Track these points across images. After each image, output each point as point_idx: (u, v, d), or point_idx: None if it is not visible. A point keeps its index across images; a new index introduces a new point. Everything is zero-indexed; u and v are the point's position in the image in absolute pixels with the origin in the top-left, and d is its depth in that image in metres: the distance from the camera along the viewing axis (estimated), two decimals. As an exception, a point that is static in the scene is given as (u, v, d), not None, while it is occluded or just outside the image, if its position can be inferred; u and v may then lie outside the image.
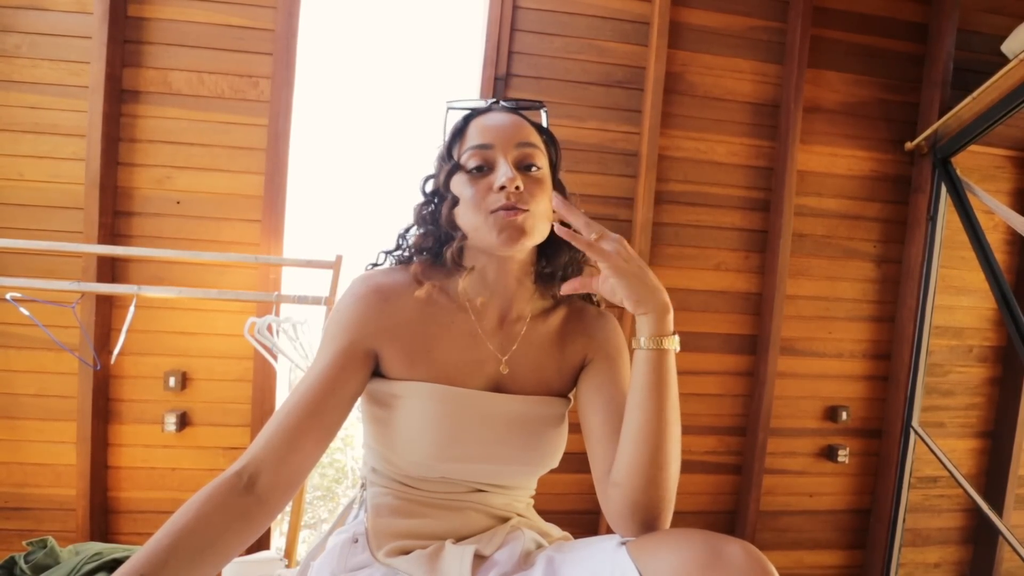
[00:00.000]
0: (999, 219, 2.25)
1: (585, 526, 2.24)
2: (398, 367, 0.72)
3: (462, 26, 6.25)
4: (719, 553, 0.50)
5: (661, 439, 0.62)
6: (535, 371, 0.76)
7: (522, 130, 0.72)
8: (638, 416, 0.63)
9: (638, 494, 0.62)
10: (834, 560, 2.43)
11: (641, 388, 0.64)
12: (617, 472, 0.64)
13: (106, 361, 1.91)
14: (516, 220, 0.67)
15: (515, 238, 0.67)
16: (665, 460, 0.62)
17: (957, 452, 2.47)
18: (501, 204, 0.67)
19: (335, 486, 7.35)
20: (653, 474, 0.62)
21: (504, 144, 0.70)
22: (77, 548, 1.42)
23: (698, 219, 2.25)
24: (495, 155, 0.69)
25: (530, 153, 0.71)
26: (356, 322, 0.70)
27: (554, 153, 0.76)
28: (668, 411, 0.63)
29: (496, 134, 0.70)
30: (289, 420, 0.63)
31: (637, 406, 0.64)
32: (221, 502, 0.57)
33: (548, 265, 0.76)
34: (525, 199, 0.68)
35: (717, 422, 2.31)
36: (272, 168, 2.02)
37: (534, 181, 0.70)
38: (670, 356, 0.64)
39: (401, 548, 0.71)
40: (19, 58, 1.91)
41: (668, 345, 0.63)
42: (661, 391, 0.63)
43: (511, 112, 0.74)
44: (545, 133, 0.76)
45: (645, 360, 0.63)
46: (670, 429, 0.63)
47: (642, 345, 0.64)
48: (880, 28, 2.27)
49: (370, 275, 0.75)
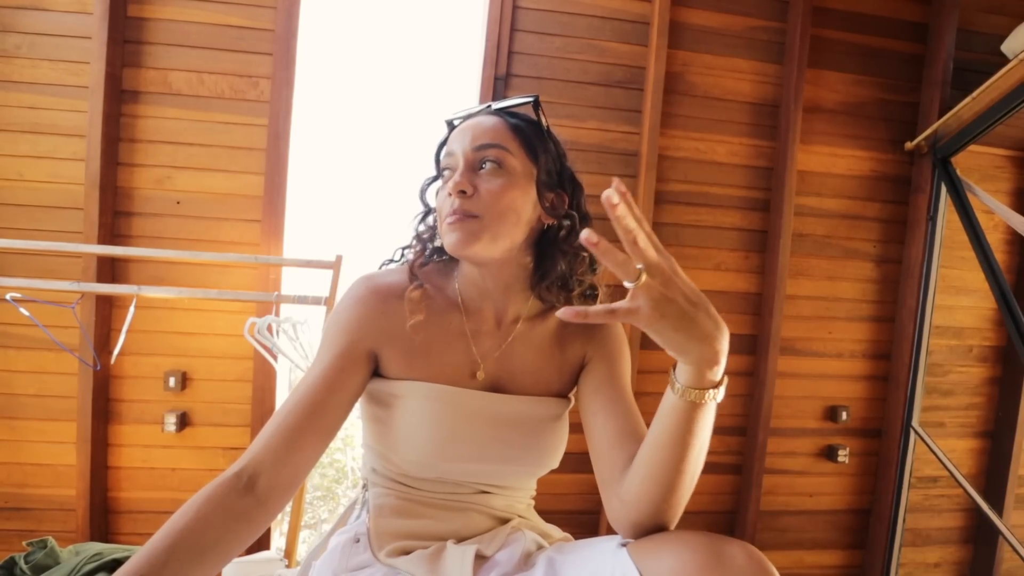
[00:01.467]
0: (999, 219, 2.25)
1: (586, 526, 2.24)
2: (397, 367, 0.72)
3: (462, 26, 6.25)
4: (720, 555, 0.50)
5: (677, 482, 0.58)
6: (534, 371, 0.75)
7: (486, 131, 0.69)
8: (656, 457, 0.58)
9: (644, 519, 0.61)
10: (834, 560, 2.43)
11: (666, 432, 0.56)
12: (627, 492, 0.61)
13: (106, 361, 1.91)
14: (460, 226, 0.66)
15: (460, 243, 0.66)
16: (678, 498, 0.59)
17: (957, 452, 2.47)
18: (448, 210, 0.67)
19: (335, 486, 7.35)
20: (663, 506, 0.59)
21: (464, 148, 0.68)
22: (77, 548, 1.42)
23: (698, 219, 2.25)
24: (457, 161, 0.69)
25: (487, 154, 0.68)
26: (356, 323, 0.70)
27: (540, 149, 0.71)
28: (691, 460, 0.57)
29: (459, 138, 0.70)
30: (288, 421, 0.63)
31: (658, 447, 0.57)
32: (221, 503, 0.57)
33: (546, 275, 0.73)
34: (475, 203, 0.66)
35: (717, 422, 2.25)
36: (272, 168, 2.02)
37: (485, 181, 0.67)
38: (708, 408, 0.55)
39: (402, 548, 0.71)
40: (19, 58, 1.91)
41: (708, 399, 0.54)
42: (687, 441, 0.56)
43: (491, 115, 0.72)
44: (528, 131, 0.71)
45: (676, 409, 0.55)
46: (688, 473, 0.58)
47: (677, 392, 0.54)
48: (880, 28, 2.27)
49: (370, 276, 0.75)
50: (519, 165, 0.69)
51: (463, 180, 0.66)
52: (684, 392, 0.53)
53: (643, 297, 0.47)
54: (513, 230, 0.68)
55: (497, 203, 0.66)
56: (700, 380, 0.53)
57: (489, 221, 0.66)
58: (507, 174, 0.68)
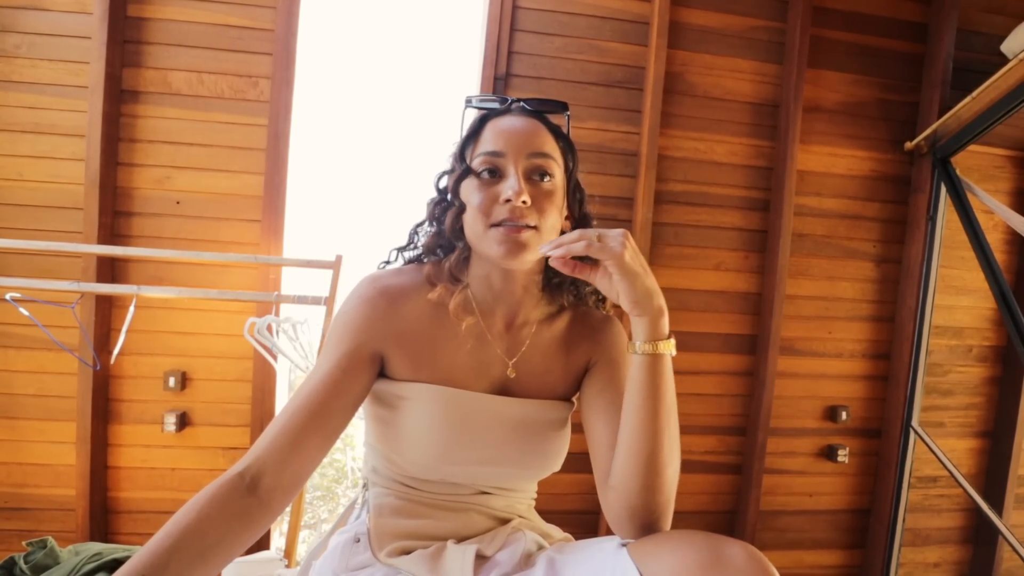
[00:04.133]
0: (999, 219, 2.26)
1: (586, 526, 2.24)
2: (403, 369, 0.71)
3: (462, 26, 6.26)
4: (720, 555, 0.50)
5: (657, 444, 0.61)
6: (540, 375, 0.76)
7: (537, 137, 0.69)
8: (633, 421, 0.62)
9: (635, 498, 0.62)
10: (834, 560, 2.43)
11: (637, 393, 0.62)
12: (614, 476, 0.64)
13: (106, 361, 1.91)
14: (519, 237, 0.65)
15: (515, 253, 0.65)
16: (661, 465, 0.62)
17: (957, 452, 2.47)
18: (505, 217, 0.65)
19: (335, 486, 7.35)
20: (649, 479, 0.61)
21: (516, 152, 0.67)
22: (77, 548, 1.42)
23: (698, 219, 2.25)
24: (506, 163, 0.67)
25: (542, 164, 0.68)
26: (362, 325, 0.69)
27: (571, 160, 0.73)
28: (664, 416, 0.62)
29: (509, 140, 0.67)
30: (292, 422, 0.63)
31: (632, 411, 0.63)
32: (223, 503, 0.57)
33: (556, 275, 0.75)
34: (531, 214, 0.66)
35: (717, 422, 2.31)
36: (272, 168, 2.02)
37: (544, 194, 0.67)
38: (666, 360, 0.62)
39: (403, 548, 0.71)
40: (19, 58, 1.91)
41: (664, 349, 0.62)
42: (657, 396, 0.62)
43: (529, 115, 0.71)
44: (563, 139, 0.73)
45: (640, 364, 0.62)
46: (666, 433, 0.62)
47: (638, 349, 0.62)
48: (880, 28, 2.27)
49: (377, 276, 0.73)
50: (560, 176, 0.71)
51: (524, 189, 0.65)
52: (643, 347, 0.62)
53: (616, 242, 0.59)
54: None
55: (551, 215, 0.68)
56: (655, 331, 0.62)
57: (544, 234, 0.67)
58: (556, 186, 0.69)
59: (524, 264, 0.67)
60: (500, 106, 0.72)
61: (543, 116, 0.72)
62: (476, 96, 0.74)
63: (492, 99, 0.73)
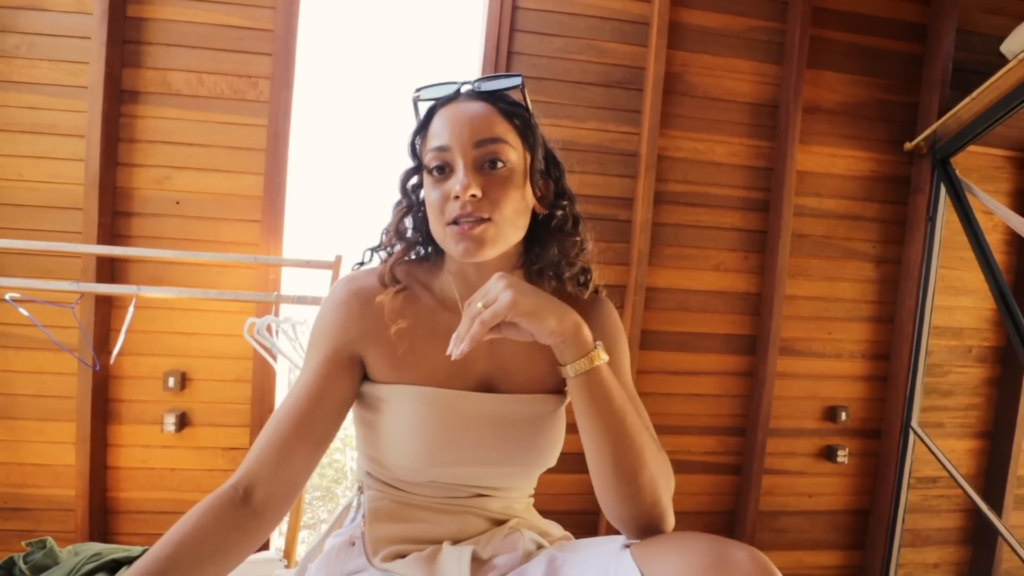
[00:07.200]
0: (998, 219, 2.25)
1: (585, 526, 2.24)
2: (383, 370, 0.70)
3: (462, 26, 6.25)
4: (725, 558, 0.49)
5: (618, 457, 0.60)
6: (527, 368, 0.73)
7: (485, 123, 0.64)
8: (588, 441, 0.61)
9: (618, 510, 0.61)
10: (833, 560, 2.43)
11: (585, 413, 0.61)
12: (596, 491, 0.63)
13: (105, 361, 1.91)
14: (473, 233, 0.62)
15: (473, 251, 0.63)
16: (630, 474, 0.60)
17: (956, 452, 2.47)
18: (457, 214, 0.63)
19: (334, 486, 7.34)
20: (623, 491, 0.60)
21: (463, 144, 0.63)
22: (76, 548, 1.42)
23: (697, 219, 2.25)
24: (453, 157, 0.64)
25: (493, 150, 0.64)
26: (338, 328, 0.69)
27: (531, 137, 0.68)
28: (616, 426, 0.60)
29: (453, 131, 0.64)
30: (278, 433, 0.62)
31: (585, 432, 0.61)
32: (218, 515, 0.57)
33: (537, 261, 0.72)
34: (484, 206, 0.62)
35: (716, 422, 2.31)
36: (271, 168, 2.02)
37: (498, 183, 0.64)
38: (603, 369, 0.60)
39: (397, 552, 0.70)
40: (18, 58, 1.91)
41: (597, 360, 0.60)
42: (604, 409, 0.60)
43: (480, 98, 0.66)
44: (518, 117, 0.67)
45: (580, 386, 0.60)
46: (626, 442, 0.60)
47: (572, 372, 0.60)
48: (879, 28, 2.27)
49: (351, 278, 0.73)
50: (517, 157, 0.66)
51: (471, 182, 0.62)
52: (578, 366, 0.59)
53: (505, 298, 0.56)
54: (519, 227, 0.67)
55: (507, 204, 0.64)
56: (581, 345, 0.60)
57: (501, 224, 0.64)
58: (511, 170, 0.65)
59: (486, 257, 0.65)
60: (445, 94, 0.68)
61: (496, 95, 0.67)
62: (423, 87, 0.69)
63: (439, 86, 0.69)
